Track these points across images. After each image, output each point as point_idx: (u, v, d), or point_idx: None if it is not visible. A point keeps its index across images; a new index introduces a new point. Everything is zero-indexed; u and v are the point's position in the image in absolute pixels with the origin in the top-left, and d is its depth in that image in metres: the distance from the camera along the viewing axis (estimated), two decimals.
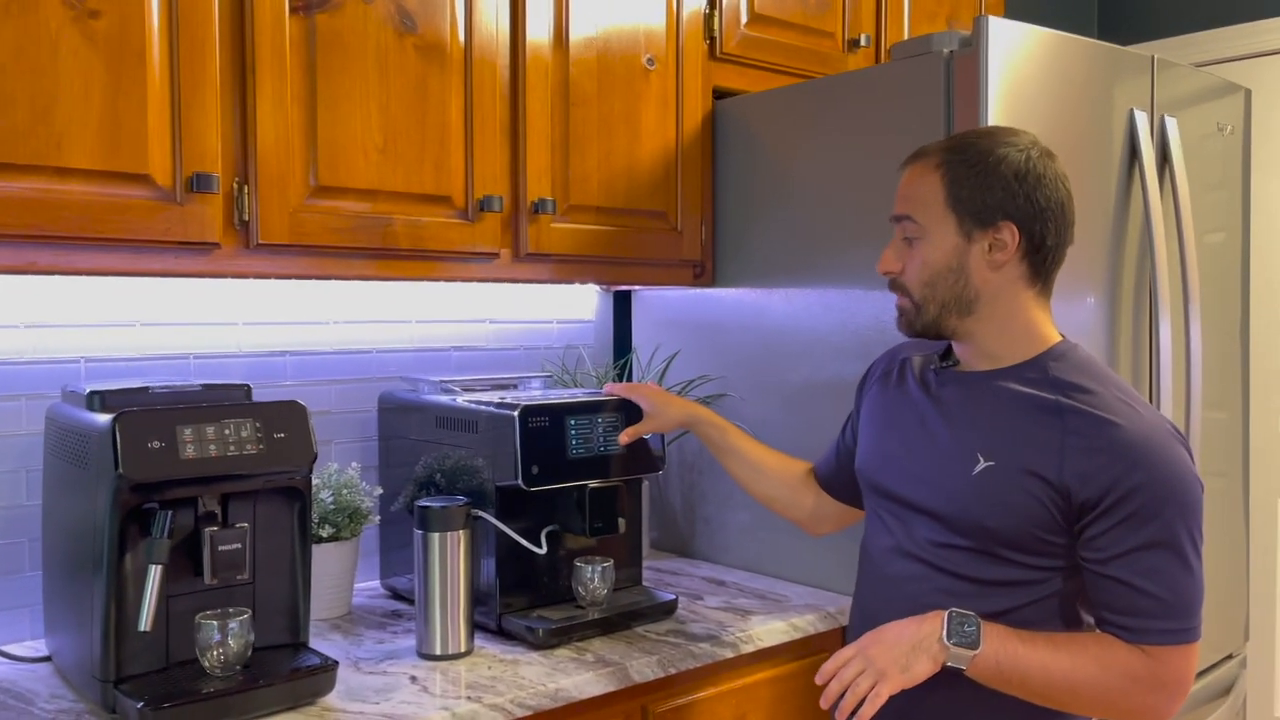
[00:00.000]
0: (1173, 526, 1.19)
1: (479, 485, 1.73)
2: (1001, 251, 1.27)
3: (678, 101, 2.05)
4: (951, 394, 1.34)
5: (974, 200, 1.26)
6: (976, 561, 1.27)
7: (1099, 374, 1.28)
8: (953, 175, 1.28)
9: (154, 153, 1.45)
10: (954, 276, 1.28)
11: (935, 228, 1.29)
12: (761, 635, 1.74)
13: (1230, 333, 2.28)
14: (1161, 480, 1.19)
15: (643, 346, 2.35)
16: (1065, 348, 1.31)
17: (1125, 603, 1.20)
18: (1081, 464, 1.20)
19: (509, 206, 1.82)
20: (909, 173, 1.33)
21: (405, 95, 1.68)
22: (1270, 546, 2.94)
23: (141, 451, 1.31)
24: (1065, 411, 1.23)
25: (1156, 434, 1.21)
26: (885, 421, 1.43)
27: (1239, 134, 2.28)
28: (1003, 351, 1.31)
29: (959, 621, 1.20)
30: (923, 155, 1.33)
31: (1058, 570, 1.25)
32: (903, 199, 1.33)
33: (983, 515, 1.25)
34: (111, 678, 1.35)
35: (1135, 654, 1.20)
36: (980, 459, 1.26)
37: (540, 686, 1.48)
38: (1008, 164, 1.26)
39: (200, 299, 1.83)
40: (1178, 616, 1.19)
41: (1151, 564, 1.18)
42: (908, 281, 1.32)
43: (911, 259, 1.31)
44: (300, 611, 1.50)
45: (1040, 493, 1.22)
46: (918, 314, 1.32)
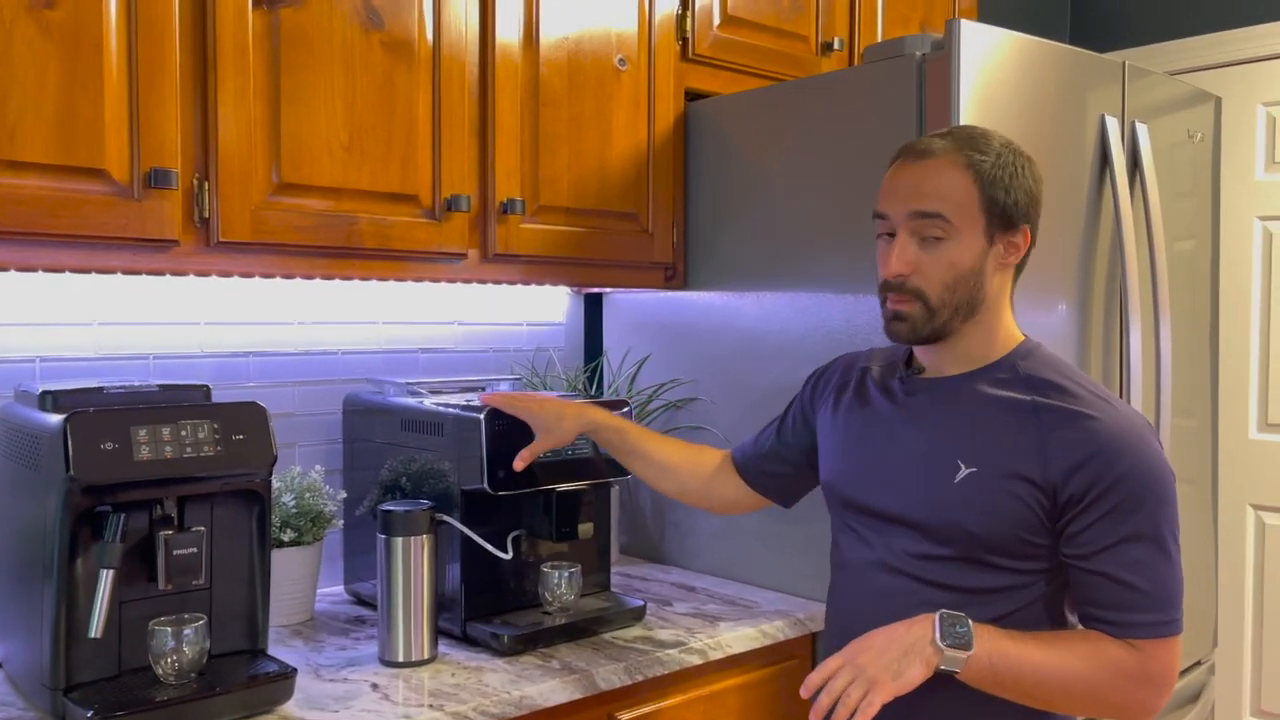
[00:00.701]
0: (1154, 518, 1.19)
1: (445, 489, 1.70)
2: (1013, 253, 1.27)
3: (649, 102, 2.03)
4: (922, 402, 1.32)
5: (1007, 203, 1.24)
6: (961, 570, 1.24)
7: (1068, 370, 1.28)
8: (987, 175, 1.23)
9: (111, 147, 1.41)
10: (973, 280, 1.25)
11: (967, 228, 1.23)
12: (730, 642, 1.72)
13: (1200, 340, 2.28)
14: (1142, 472, 1.18)
15: (614, 349, 2.33)
16: (1030, 345, 1.31)
17: (1111, 597, 1.19)
18: (1064, 461, 1.19)
19: (477, 206, 1.80)
20: (927, 167, 1.24)
21: (371, 92, 1.66)
22: (1239, 553, 2.96)
23: (93, 453, 1.28)
24: (1041, 410, 1.22)
25: (1133, 427, 1.21)
26: (852, 436, 1.39)
27: (1209, 141, 2.29)
28: (979, 353, 1.29)
29: (950, 622, 1.17)
30: (936, 151, 1.25)
31: (1042, 573, 1.24)
32: (929, 195, 1.23)
33: (968, 522, 1.23)
34: (61, 685, 1.31)
35: (1123, 649, 1.19)
36: (961, 466, 1.24)
37: (504, 694, 1.46)
38: (1027, 166, 1.26)
39: (161, 298, 1.80)
40: (1162, 608, 1.19)
41: (1135, 557, 1.18)
42: (924, 284, 1.24)
43: (934, 261, 1.24)
44: (259, 617, 1.47)
45: (1026, 495, 1.20)
46: (929, 319, 1.25)
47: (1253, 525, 2.95)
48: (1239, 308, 2.93)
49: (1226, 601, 2.95)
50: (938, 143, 1.26)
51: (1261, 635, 2.93)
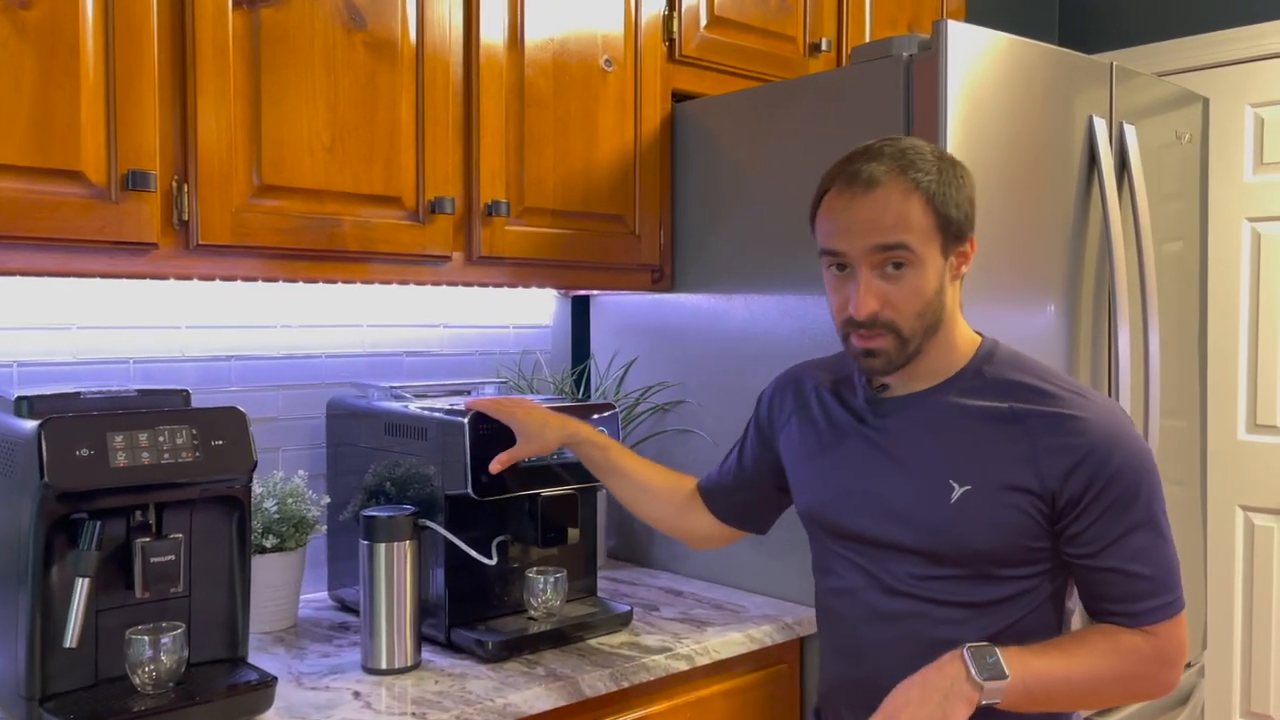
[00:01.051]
0: (1149, 504, 1.20)
1: (429, 494, 1.68)
2: (965, 264, 1.25)
3: (636, 104, 2.02)
4: (897, 422, 1.28)
5: (957, 218, 1.21)
6: (969, 586, 1.23)
7: (1034, 368, 1.26)
8: (938, 195, 1.19)
9: (87, 149, 1.39)
10: (937, 300, 1.22)
11: (928, 252, 1.20)
12: (718, 647, 1.70)
13: (1189, 341, 2.28)
14: (1132, 462, 1.19)
15: (601, 352, 2.32)
16: (989, 345, 1.29)
17: (1122, 590, 1.19)
18: (1059, 465, 1.18)
19: (462, 208, 1.78)
20: (878, 197, 1.19)
21: (354, 93, 1.64)
22: (1228, 554, 2.95)
23: (69, 459, 1.26)
24: (1024, 417, 1.21)
25: (1116, 418, 1.22)
26: (828, 462, 1.34)
27: (1197, 143, 2.28)
28: (943, 365, 1.27)
29: (980, 655, 1.13)
30: (879, 179, 1.19)
31: (1046, 574, 1.24)
32: (888, 227, 1.18)
33: (974, 540, 1.21)
34: (36, 695, 1.29)
35: (1138, 636, 1.20)
36: (955, 485, 1.22)
37: (488, 701, 1.44)
38: (966, 176, 1.24)
39: (141, 301, 1.78)
40: (1169, 590, 1.20)
41: (1138, 546, 1.19)
42: (898, 316, 1.20)
43: (901, 291, 1.19)
44: (238, 625, 1.45)
45: (1026, 505, 1.19)
46: (903, 349, 1.21)
47: (1242, 526, 2.95)
48: (1228, 309, 2.93)
49: (1216, 603, 2.95)
50: (878, 168, 1.20)
51: (1251, 636, 2.92)
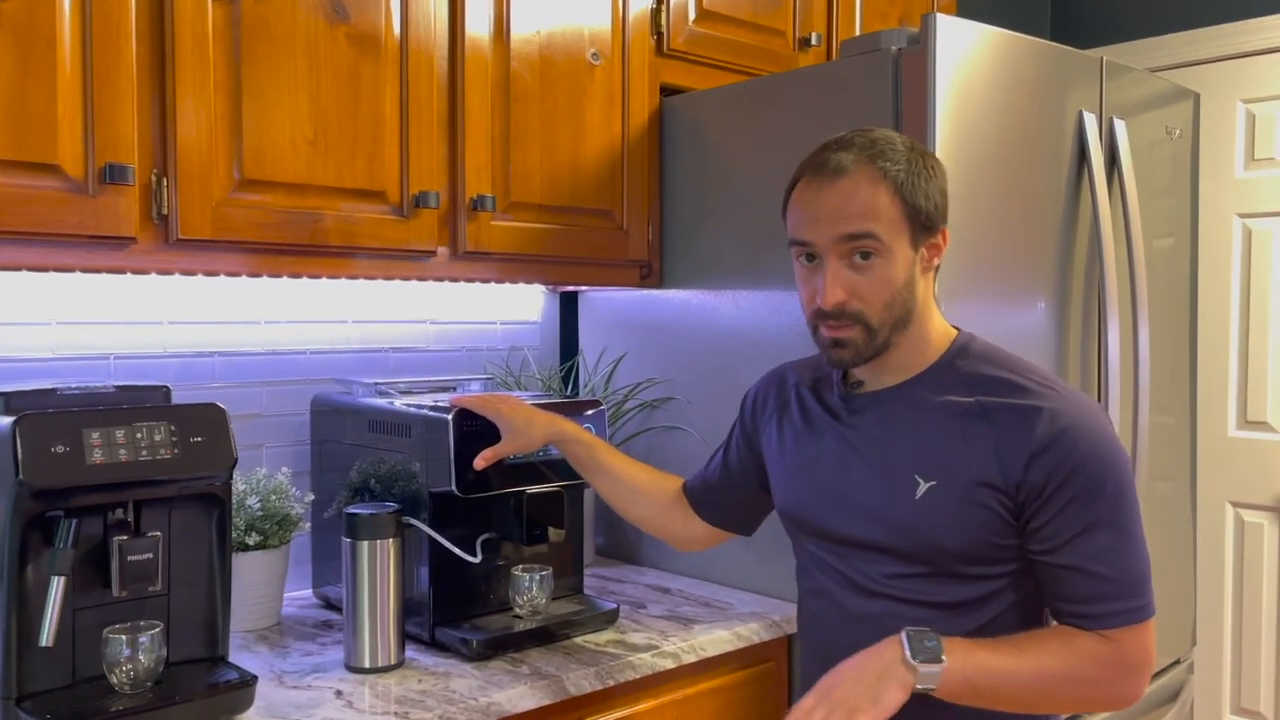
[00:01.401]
0: (1114, 502, 1.16)
1: (413, 491, 1.67)
2: (937, 256, 1.24)
3: (624, 98, 2.00)
4: (867, 418, 1.28)
5: (927, 208, 1.21)
6: (938, 585, 1.22)
7: (1007, 361, 1.25)
8: (906, 185, 1.19)
9: (64, 141, 1.37)
10: (907, 292, 1.21)
11: (896, 242, 1.19)
12: (704, 645, 1.69)
13: (1179, 338, 2.27)
14: (1100, 456, 1.16)
15: (589, 348, 2.30)
16: (964, 339, 1.28)
17: (1080, 590, 1.17)
18: (1021, 455, 1.16)
19: (446, 203, 1.77)
20: (845, 186, 1.19)
21: (337, 86, 1.62)
22: (1218, 551, 2.95)
23: (44, 456, 1.24)
24: (990, 411, 1.20)
25: (1085, 410, 1.19)
26: (804, 461, 1.34)
27: (1188, 138, 2.28)
28: (917, 359, 1.26)
29: (918, 638, 1.13)
30: (846, 168, 1.19)
31: (1012, 575, 1.22)
32: (856, 215, 1.18)
33: (939, 537, 1.20)
34: (12, 695, 1.27)
35: (1097, 641, 1.16)
36: (920, 481, 1.21)
37: (472, 700, 1.43)
38: (938, 167, 1.23)
39: (122, 297, 1.76)
40: (1133, 595, 1.17)
41: (1101, 545, 1.16)
42: (864, 307, 1.19)
43: (869, 282, 1.19)
44: (218, 624, 1.44)
45: (990, 500, 1.18)
46: (870, 340, 1.20)
47: (1232, 523, 2.94)
48: (1218, 305, 2.93)
49: (1206, 600, 2.95)
50: (846, 157, 1.20)
51: (1241, 633, 2.92)
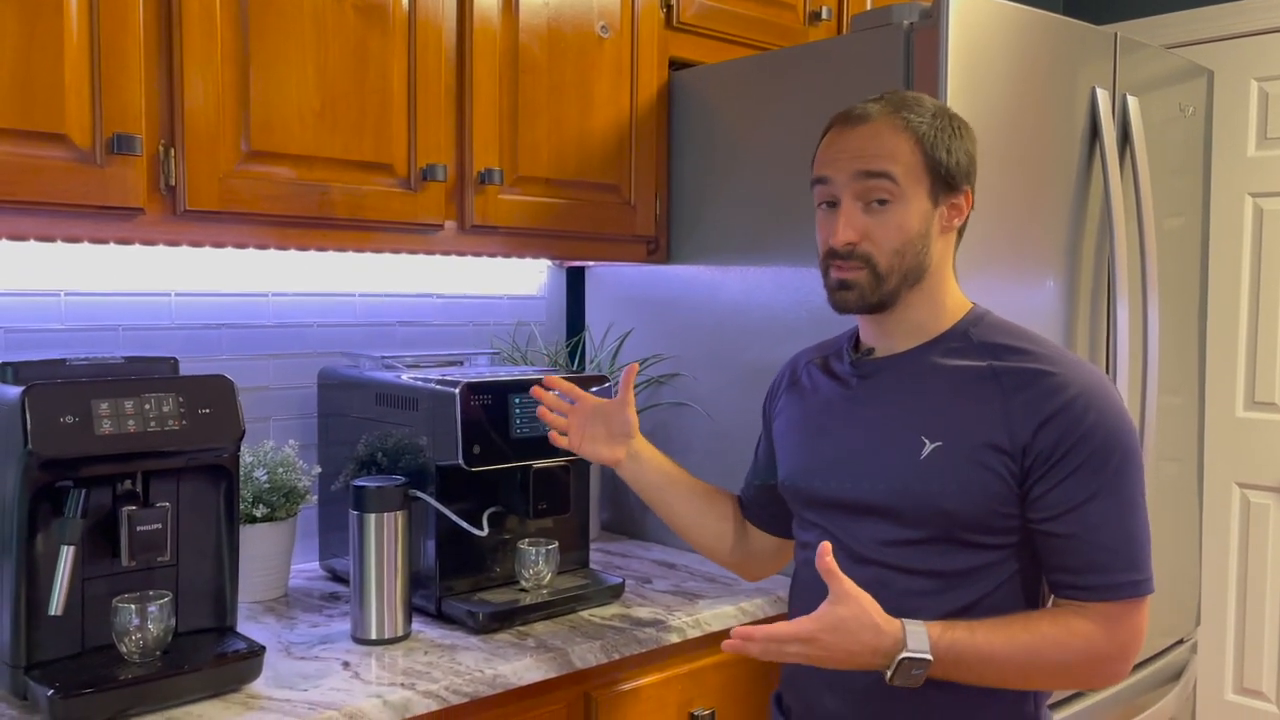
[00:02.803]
0: (1120, 474, 1.16)
1: (420, 465, 1.67)
2: (957, 217, 1.24)
3: (632, 71, 1.99)
4: (876, 382, 1.28)
5: (949, 163, 1.21)
6: (934, 553, 1.21)
7: (1021, 332, 1.25)
8: (929, 137, 1.20)
9: (71, 111, 1.37)
10: (920, 244, 1.22)
11: (913, 190, 1.20)
12: (709, 619, 1.70)
13: (1188, 317, 2.26)
14: (1109, 424, 1.16)
15: (596, 324, 2.30)
16: (980, 312, 1.28)
17: (1081, 559, 1.16)
18: (1030, 420, 1.16)
19: (454, 176, 1.76)
20: (868, 130, 1.22)
21: (344, 58, 1.61)
22: (1223, 532, 2.95)
23: (52, 426, 1.25)
24: (1000, 374, 1.19)
25: (1096, 380, 1.19)
26: (807, 430, 1.34)
27: (1201, 116, 2.26)
28: (929, 323, 1.26)
29: (908, 667, 1.12)
30: (872, 114, 1.23)
31: (1014, 547, 1.21)
32: (873, 155, 1.20)
33: (940, 499, 1.19)
34: (22, 663, 1.28)
35: (1091, 624, 1.16)
36: (926, 441, 1.20)
37: (478, 672, 1.43)
38: (964, 128, 1.24)
39: (130, 268, 1.75)
40: (1134, 568, 1.16)
41: (1105, 514, 1.15)
42: (874, 251, 1.21)
43: (881, 225, 1.21)
44: (226, 594, 1.44)
45: (995, 463, 1.17)
46: (877, 286, 1.22)
47: (1238, 503, 2.94)
48: (1228, 285, 2.91)
49: (1211, 580, 2.95)
50: (873, 107, 1.24)
51: (1245, 613, 2.93)
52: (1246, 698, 2.93)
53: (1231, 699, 2.96)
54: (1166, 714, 2.14)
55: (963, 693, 1.18)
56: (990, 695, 1.20)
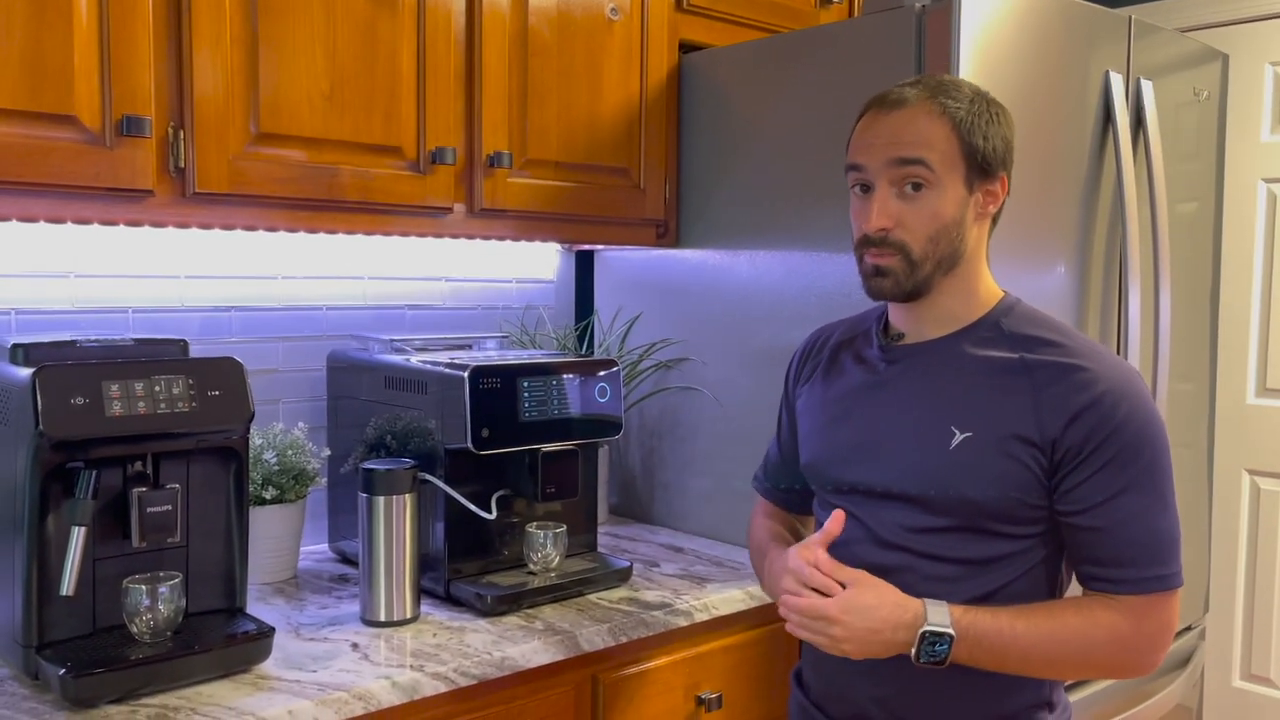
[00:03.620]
0: (1151, 469, 1.16)
1: (429, 448, 1.67)
2: (992, 203, 1.23)
3: (642, 54, 1.98)
4: (906, 368, 1.27)
5: (985, 150, 1.20)
6: (960, 541, 1.21)
7: (1052, 324, 1.24)
8: (965, 122, 1.19)
9: (80, 92, 1.37)
10: (954, 231, 1.20)
11: (948, 176, 1.19)
12: (717, 603, 1.70)
13: (1200, 304, 2.25)
14: (1139, 419, 1.16)
15: (604, 308, 2.30)
16: (1011, 301, 1.27)
17: (1109, 553, 1.16)
18: (1061, 414, 1.16)
19: (463, 159, 1.76)
20: (904, 115, 1.20)
21: (353, 40, 1.61)
22: (1233, 519, 2.94)
23: (63, 408, 1.25)
24: (1032, 368, 1.19)
25: (1128, 376, 1.19)
26: (833, 413, 1.33)
27: (1215, 100, 2.24)
28: (961, 311, 1.25)
29: (930, 642, 1.13)
30: (909, 99, 1.21)
31: (1040, 536, 1.21)
32: (909, 142, 1.18)
33: (967, 489, 1.19)
34: (34, 643, 1.29)
35: (1117, 614, 1.16)
36: (956, 431, 1.20)
37: (486, 655, 1.44)
38: (1005, 114, 1.22)
39: (140, 250, 1.76)
40: (1162, 561, 1.16)
41: (1133, 509, 1.15)
42: (908, 237, 1.19)
43: (916, 211, 1.19)
44: (236, 576, 1.45)
45: (1024, 455, 1.17)
46: (911, 273, 1.20)
47: (1248, 490, 2.93)
48: (1240, 271, 2.89)
49: (1220, 566, 2.94)
50: (909, 91, 1.22)
51: (1254, 600, 2.92)
52: (1254, 684, 2.93)
53: (1239, 685, 2.96)
54: (1174, 700, 2.14)
55: (980, 671, 1.19)
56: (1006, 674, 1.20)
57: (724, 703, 1.72)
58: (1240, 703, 2.95)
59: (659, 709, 1.65)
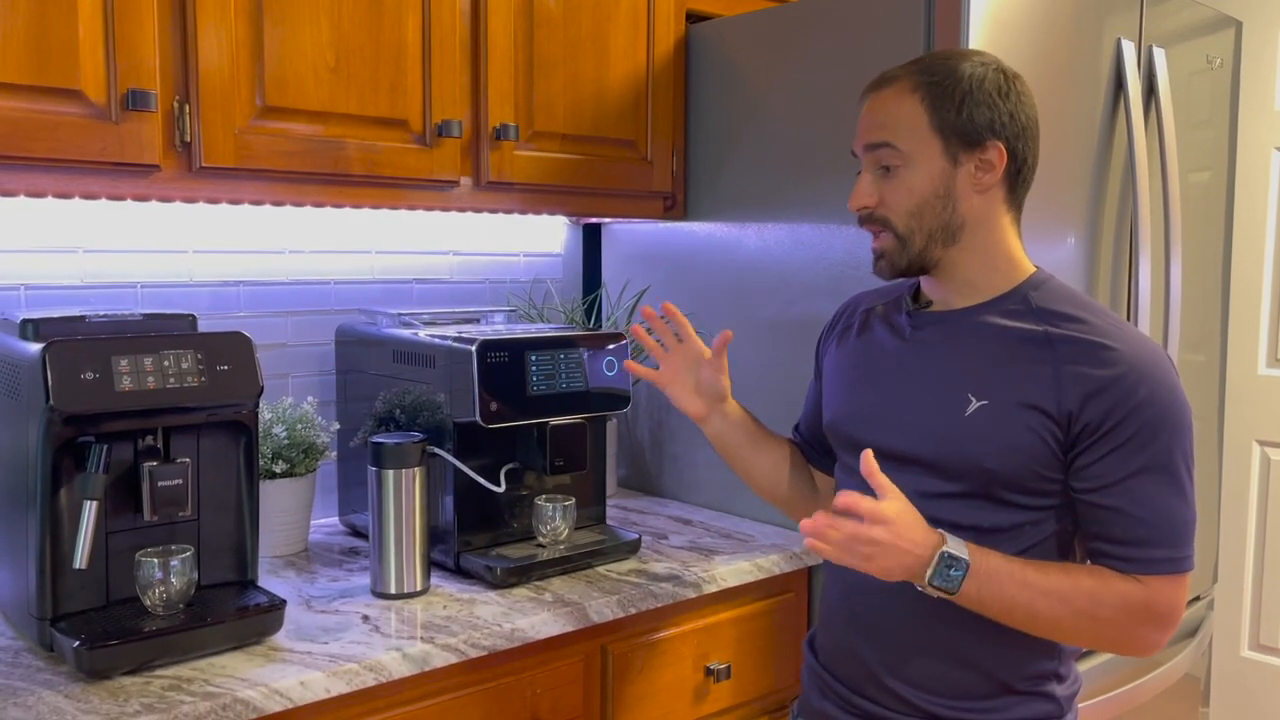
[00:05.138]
0: (1170, 450, 1.16)
1: (438, 421, 1.68)
2: (989, 173, 1.22)
3: (649, 24, 1.96)
4: (930, 335, 1.28)
5: (960, 120, 1.20)
6: (973, 508, 1.21)
7: (1082, 301, 1.24)
8: (935, 96, 1.20)
9: (86, 67, 1.36)
10: (941, 203, 1.22)
11: (920, 152, 1.21)
12: (725, 575, 1.71)
13: (1211, 274, 2.23)
14: (1161, 401, 1.15)
15: (612, 281, 2.29)
16: (1043, 276, 1.27)
17: (1121, 532, 1.16)
18: (1080, 389, 1.15)
19: (469, 132, 1.75)
20: (879, 98, 1.24)
21: (358, 12, 1.60)
22: (1243, 490, 2.94)
23: (74, 383, 1.25)
24: (1056, 341, 1.19)
25: (1153, 354, 1.18)
26: (857, 375, 1.35)
27: (1228, 68, 2.21)
28: (983, 282, 1.26)
29: (947, 565, 1.14)
30: (890, 80, 1.24)
31: (1054, 509, 1.21)
32: (877, 126, 1.24)
33: (980, 456, 1.19)
34: (48, 615, 1.30)
35: (1130, 584, 1.16)
36: (972, 399, 1.20)
37: (496, 627, 1.45)
38: (990, 81, 1.21)
39: (147, 225, 1.76)
40: (1174, 544, 1.16)
41: (1149, 490, 1.15)
42: (890, 214, 1.23)
43: (893, 189, 1.23)
44: (247, 548, 1.46)
45: (1039, 426, 1.17)
46: (903, 249, 1.24)
47: (1258, 461, 2.93)
48: (1253, 241, 2.88)
49: (1229, 537, 2.94)
50: (897, 71, 1.25)
51: (1263, 570, 2.92)
52: (1262, 654, 2.94)
53: (1247, 655, 2.96)
54: (1182, 670, 2.15)
55: (989, 634, 1.20)
56: (1015, 640, 1.21)
57: (732, 673, 1.73)
58: (1248, 672, 2.96)
59: (668, 680, 1.66)
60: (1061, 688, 1.28)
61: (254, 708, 1.22)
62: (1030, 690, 1.25)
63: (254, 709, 1.22)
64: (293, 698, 1.25)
